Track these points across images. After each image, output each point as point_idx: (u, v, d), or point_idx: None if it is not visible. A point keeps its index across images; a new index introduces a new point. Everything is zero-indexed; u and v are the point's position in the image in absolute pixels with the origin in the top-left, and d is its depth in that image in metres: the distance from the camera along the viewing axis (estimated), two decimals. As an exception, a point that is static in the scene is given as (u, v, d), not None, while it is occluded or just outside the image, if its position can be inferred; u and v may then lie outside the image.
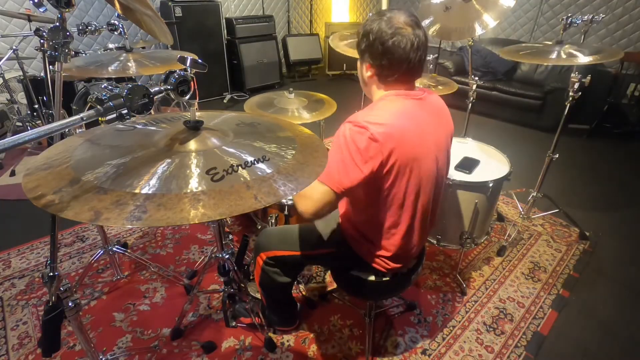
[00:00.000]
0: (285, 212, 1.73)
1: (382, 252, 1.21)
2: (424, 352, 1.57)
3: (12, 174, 2.87)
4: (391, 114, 1.05)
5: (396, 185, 1.06)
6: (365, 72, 1.14)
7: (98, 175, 0.71)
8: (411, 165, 1.05)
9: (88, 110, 0.69)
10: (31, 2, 1.05)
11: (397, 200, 1.10)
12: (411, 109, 1.09)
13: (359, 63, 1.17)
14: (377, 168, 1.01)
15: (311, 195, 1.01)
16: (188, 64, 0.88)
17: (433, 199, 1.20)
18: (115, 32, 1.80)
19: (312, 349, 1.58)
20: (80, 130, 1.34)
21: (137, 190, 0.67)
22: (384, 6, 5.60)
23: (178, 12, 4.17)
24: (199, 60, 0.91)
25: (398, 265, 1.24)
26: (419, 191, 1.11)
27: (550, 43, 2.04)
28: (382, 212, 1.13)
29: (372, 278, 1.27)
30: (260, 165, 0.78)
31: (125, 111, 0.71)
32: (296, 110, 1.98)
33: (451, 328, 1.69)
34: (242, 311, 1.67)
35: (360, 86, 1.23)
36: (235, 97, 4.89)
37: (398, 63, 1.05)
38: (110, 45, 3.07)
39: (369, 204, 1.14)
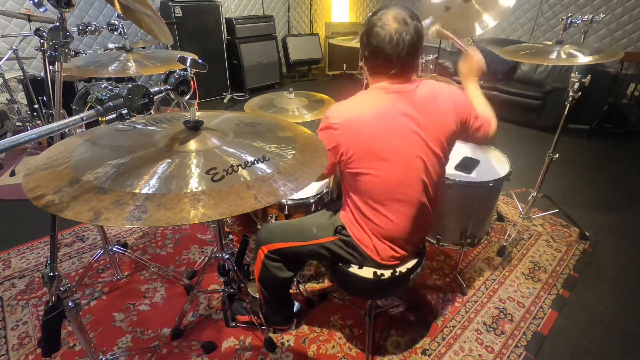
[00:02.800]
0: (285, 212, 1.73)
1: (372, 239, 1.25)
2: (424, 352, 1.57)
3: (12, 174, 2.87)
4: (358, 107, 1.14)
5: (361, 175, 1.14)
6: (363, 63, 1.21)
7: (98, 175, 0.71)
8: (372, 157, 1.11)
9: (88, 110, 0.69)
10: (31, 2, 1.05)
11: (372, 189, 1.16)
12: (383, 103, 1.12)
13: None
14: (338, 154, 1.12)
15: None
16: (188, 64, 0.88)
17: (425, 193, 1.20)
18: (115, 32, 1.80)
19: (312, 349, 1.58)
20: (80, 130, 1.34)
21: (137, 190, 0.67)
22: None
23: (178, 12, 4.17)
24: (199, 60, 0.91)
25: (392, 254, 1.26)
26: (398, 182, 1.15)
27: (550, 43, 2.04)
28: (361, 198, 1.20)
29: (371, 276, 1.28)
30: (260, 165, 0.78)
31: (125, 111, 0.71)
32: (296, 109, 1.98)
33: (451, 328, 1.69)
34: (240, 309, 1.67)
35: (362, 86, 1.27)
36: (235, 97, 4.89)
37: (375, 55, 1.10)
38: (110, 45, 3.06)
39: (351, 188, 1.23)
